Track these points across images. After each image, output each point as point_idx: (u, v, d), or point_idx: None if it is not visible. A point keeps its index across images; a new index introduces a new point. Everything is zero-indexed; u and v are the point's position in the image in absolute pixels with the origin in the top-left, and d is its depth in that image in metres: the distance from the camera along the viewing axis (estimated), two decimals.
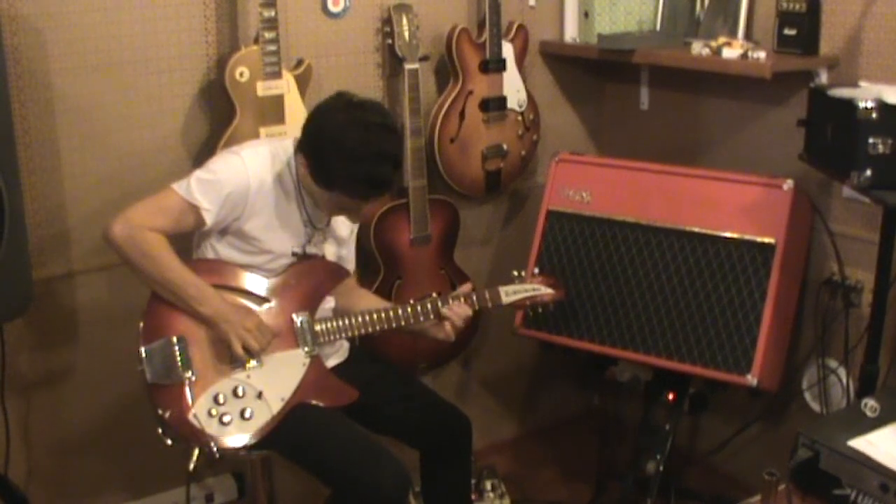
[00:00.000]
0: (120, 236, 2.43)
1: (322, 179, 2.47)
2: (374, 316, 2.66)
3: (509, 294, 2.85)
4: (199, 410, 2.46)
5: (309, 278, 2.63)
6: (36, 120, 2.75)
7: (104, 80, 2.82)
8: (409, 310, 2.69)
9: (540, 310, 2.96)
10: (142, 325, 2.49)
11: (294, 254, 2.61)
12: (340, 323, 2.64)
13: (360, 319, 2.65)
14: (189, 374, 2.47)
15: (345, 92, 2.51)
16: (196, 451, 2.44)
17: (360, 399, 2.63)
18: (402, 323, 2.68)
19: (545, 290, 2.90)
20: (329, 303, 2.75)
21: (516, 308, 2.94)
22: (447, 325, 2.72)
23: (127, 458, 3.07)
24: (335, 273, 2.71)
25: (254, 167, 2.51)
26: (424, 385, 2.89)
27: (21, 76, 2.70)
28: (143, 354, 2.46)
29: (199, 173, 2.50)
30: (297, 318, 2.59)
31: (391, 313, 2.67)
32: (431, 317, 2.71)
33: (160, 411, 2.44)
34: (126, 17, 2.82)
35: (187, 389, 2.46)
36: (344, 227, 2.76)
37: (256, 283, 2.58)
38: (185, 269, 2.48)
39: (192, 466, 2.43)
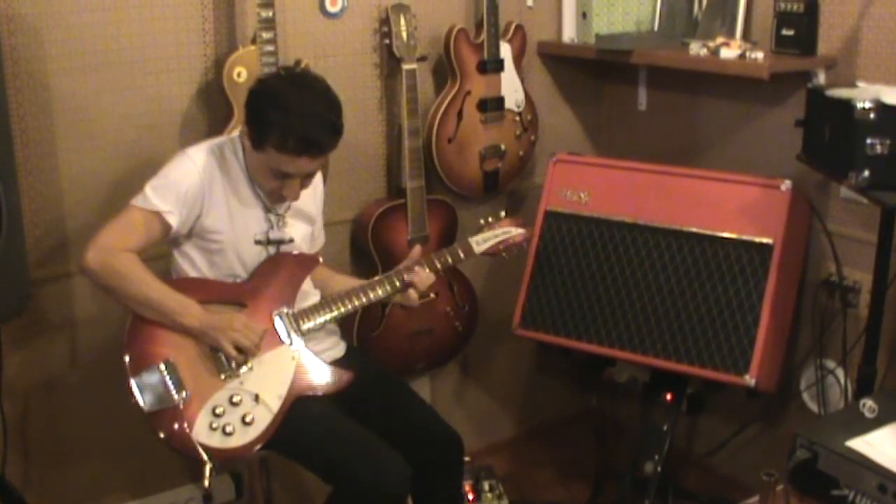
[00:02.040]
0: (94, 262, 2.44)
1: (258, 137, 2.46)
2: (353, 294, 2.65)
3: (480, 243, 2.83)
4: (199, 428, 2.45)
5: (279, 274, 2.63)
6: (33, 120, 2.75)
7: (102, 80, 2.82)
8: (386, 285, 2.67)
9: (515, 251, 2.93)
10: (127, 356, 2.48)
11: (258, 242, 2.61)
12: (321, 308, 2.63)
13: (338, 301, 2.64)
14: (183, 395, 2.45)
15: (287, 66, 2.59)
16: (208, 468, 2.43)
17: (353, 403, 2.62)
18: (380, 293, 2.67)
19: (516, 231, 2.88)
20: (313, 297, 2.74)
21: (491, 255, 2.87)
22: (411, 292, 2.70)
23: (125, 459, 3.07)
24: (304, 262, 2.69)
25: (201, 161, 2.53)
26: (418, 398, 2.87)
27: (19, 76, 2.70)
28: (134, 386, 2.45)
29: (152, 181, 2.51)
30: (277, 314, 2.59)
31: (368, 290, 2.66)
32: (398, 286, 2.69)
33: (161, 435, 2.43)
34: (124, 17, 2.82)
35: (184, 410, 2.45)
36: (312, 204, 2.74)
37: (228, 290, 2.58)
38: (162, 285, 2.49)
39: (206, 483, 2.41)
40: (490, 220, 2.89)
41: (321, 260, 2.76)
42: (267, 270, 2.62)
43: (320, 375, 2.61)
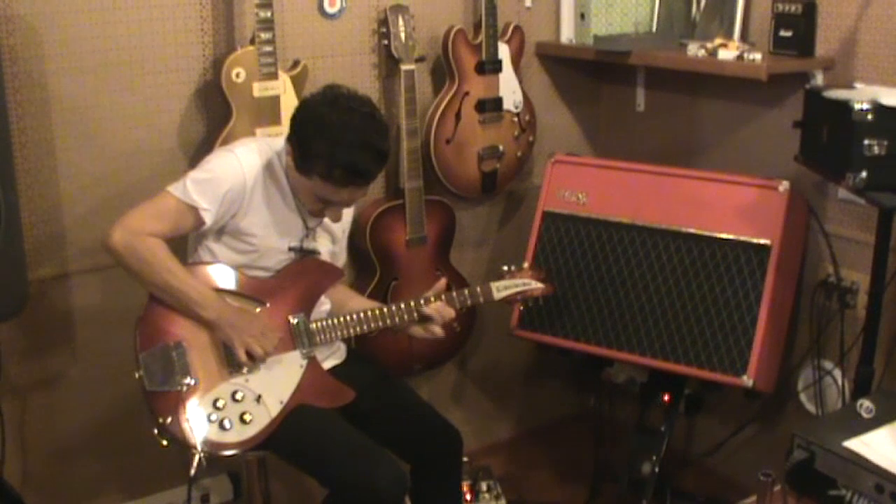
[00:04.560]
0: (119, 244, 2.41)
1: (302, 164, 2.44)
2: (369, 313, 2.65)
3: (500, 290, 2.86)
4: (198, 416, 2.45)
5: (303, 279, 2.62)
6: (32, 120, 2.75)
7: (100, 80, 2.82)
8: (402, 306, 2.68)
9: (530, 304, 2.98)
10: (138, 330, 2.48)
11: (291, 249, 2.60)
12: (336, 321, 2.63)
13: (354, 317, 2.64)
14: (188, 380, 2.45)
15: (335, 84, 2.51)
16: (196, 457, 2.43)
17: (354, 405, 2.62)
18: (396, 321, 2.68)
19: (535, 285, 2.92)
20: (325, 305, 2.75)
21: (507, 303, 2.94)
22: (433, 326, 2.71)
23: (123, 458, 3.07)
24: (329, 273, 2.70)
25: (248, 163, 2.51)
26: (418, 396, 2.88)
27: (17, 76, 2.70)
28: (141, 361, 2.45)
29: (194, 174, 2.48)
30: (293, 320, 2.59)
31: (385, 310, 2.67)
32: (416, 316, 2.70)
33: (160, 418, 2.43)
34: (122, 17, 2.82)
35: (186, 396, 2.45)
36: (338, 225, 2.73)
37: (251, 285, 2.57)
38: (186, 274, 2.47)
39: (193, 472, 2.41)
40: (512, 268, 2.92)
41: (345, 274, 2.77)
42: (292, 273, 2.61)
43: (323, 389, 2.60)
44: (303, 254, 2.63)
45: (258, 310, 2.56)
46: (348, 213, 2.79)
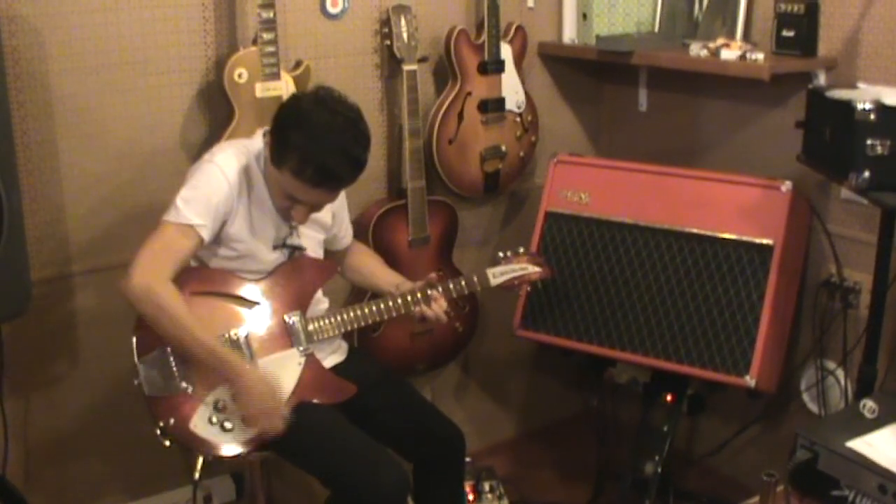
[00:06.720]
0: (138, 290, 2.37)
1: (277, 156, 2.42)
2: (366, 310, 2.66)
3: (497, 276, 2.85)
4: (199, 419, 2.45)
5: (297, 277, 2.62)
6: (35, 121, 2.75)
7: (103, 81, 2.82)
8: (399, 301, 2.69)
9: (529, 288, 2.97)
10: (135, 337, 2.47)
11: (276, 247, 2.60)
12: (332, 319, 2.64)
13: (350, 315, 2.64)
14: (186, 383, 2.46)
15: (327, 86, 2.52)
16: (200, 459, 2.43)
17: (356, 403, 2.63)
18: (393, 314, 2.69)
19: (532, 269, 2.91)
20: (323, 304, 2.75)
21: (504, 289, 2.90)
22: (416, 310, 2.73)
23: (125, 459, 3.07)
24: (323, 270, 2.70)
25: (230, 170, 2.49)
26: (420, 395, 2.88)
27: (20, 77, 2.70)
28: (139, 367, 2.45)
29: (183, 193, 2.46)
30: (289, 318, 2.59)
31: (381, 306, 2.67)
32: (413, 308, 2.71)
33: (161, 423, 2.43)
34: (125, 18, 2.82)
35: (186, 399, 2.45)
36: (328, 211, 2.71)
37: (246, 287, 2.57)
38: (194, 331, 2.40)
39: (197, 475, 2.42)
40: (508, 254, 2.92)
41: (338, 269, 2.78)
42: (285, 273, 2.61)
43: (324, 385, 2.61)
44: (289, 250, 2.63)
45: (254, 310, 2.55)
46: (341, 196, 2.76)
